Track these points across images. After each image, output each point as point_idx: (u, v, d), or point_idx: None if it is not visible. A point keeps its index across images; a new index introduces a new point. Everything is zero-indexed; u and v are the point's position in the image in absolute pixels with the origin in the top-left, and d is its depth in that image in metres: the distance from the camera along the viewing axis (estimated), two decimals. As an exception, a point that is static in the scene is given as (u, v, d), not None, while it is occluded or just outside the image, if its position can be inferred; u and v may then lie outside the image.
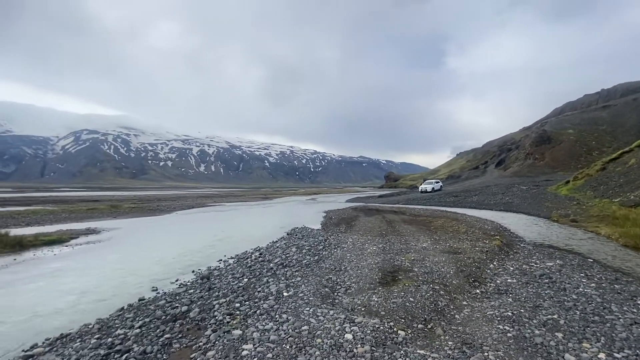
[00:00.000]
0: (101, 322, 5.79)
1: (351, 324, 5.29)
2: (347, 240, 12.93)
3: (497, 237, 12.64)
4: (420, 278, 7.63)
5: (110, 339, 4.95)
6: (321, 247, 11.75)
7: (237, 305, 6.26)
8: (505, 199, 29.11)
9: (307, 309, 5.98)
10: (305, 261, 9.64)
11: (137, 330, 5.22)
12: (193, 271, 9.40)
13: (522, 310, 5.86)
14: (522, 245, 11.80)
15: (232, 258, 10.92)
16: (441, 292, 6.75)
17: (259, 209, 33.75)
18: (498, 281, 7.64)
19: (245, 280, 7.94)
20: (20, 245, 13.05)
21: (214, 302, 6.41)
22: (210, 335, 4.99)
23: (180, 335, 5.08)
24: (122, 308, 6.54)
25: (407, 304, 6.11)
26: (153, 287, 7.94)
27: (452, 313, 5.86)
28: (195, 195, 60.29)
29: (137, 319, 5.80)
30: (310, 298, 6.54)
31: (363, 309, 5.95)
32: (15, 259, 11.13)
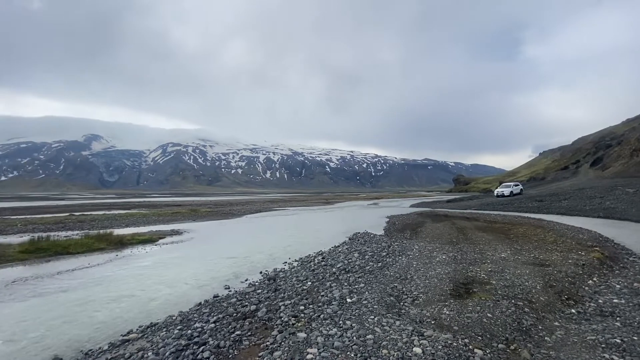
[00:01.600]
0: (182, 315, 6.39)
1: (420, 337, 4.95)
2: (413, 248, 12.30)
3: (597, 248, 10.78)
4: (499, 292, 6.85)
5: (189, 331, 5.41)
6: (384, 253, 11.38)
7: (302, 308, 6.34)
8: (606, 204, 24.81)
9: (372, 317, 5.78)
10: (368, 267, 9.41)
11: (212, 325, 5.62)
12: (261, 272, 9.87)
13: (636, 338, 4.84)
14: (631, 259, 9.86)
15: (296, 261, 11.20)
16: (526, 309, 5.95)
17: (321, 213, 34.27)
18: (600, 301, 6.46)
19: (309, 283, 8.04)
20: (121, 243, 15.27)
21: (280, 304, 6.60)
22: (276, 336, 5.12)
23: (249, 333, 5.32)
24: (200, 303, 7.13)
25: (485, 319, 5.51)
26: (225, 285, 8.53)
27: (541, 334, 5.10)
28: (262, 200, 63.91)
29: (212, 314, 6.25)
30: (375, 306, 6.32)
31: (433, 322, 5.54)
32: (117, 255, 13.00)
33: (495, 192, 46.01)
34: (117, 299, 7.69)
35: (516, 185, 46.70)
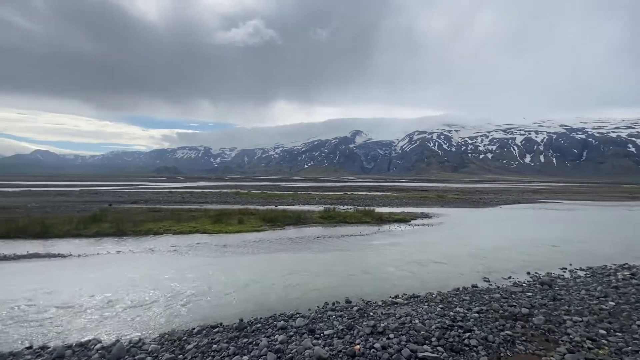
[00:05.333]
0: (441, 295, 6.50)
1: None
2: None
3: None
4: None
5: (452, 313, 5.39)
6: None
7: (602, 332, 4.72)
8: None
9: None
10: None
11: (476, 315, 5.31)
12: (528, 272, 8.34)
13: None
14: None
15: (582, 269, 8.61)
16: None
17: (619, 211, 24.44)
18: None
19: (612, 303, 5.87)
20: (381, 219, 17.84)
21: (564, 317, 5.24)
22: (565, 354, 4.08)
23: (524, 338, 4.57)
24: (458, 289, 6.98)
25: None
26: (485, 278, 7.87)
27: None
28: (519, 190, 54.38)
29: (474, 303, 5.93)
30: None
31: None
32: (379, 229, 15.26)
33: None
34: (384, 265, 9.01)
35: None
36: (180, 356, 4.18)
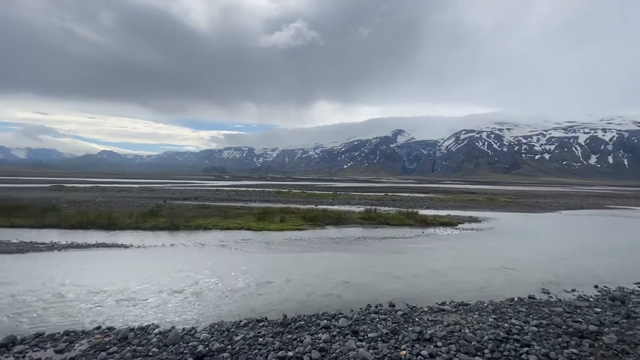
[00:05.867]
0: (494, 305, 6.07)
1: None
2: None
3: None
4: None
5: (506, 325, 5.02)
6: None
7: (693, 359, 4.08)
8: None
9: None
10: None
11: (534, 329, 4.88)
12: (595, 286, 7.50)
13: None
14: None
15: (662, 285, 7.54)
16: None
17: None
18: None
19: None
20: (425, 222, 17.16)
21: (643, 338, 4.62)
22: (645, 382, 3.59)
23: (592, 358, 4.11)
24: (512, 299, 6.48)
25: None
26: (543, 289, 7.22)
27: None
28: (583, 194, 49.24)
29: (531, 316, 5.46)
30: None
31: None
32: (423, 232, 14.70)
33: None
34: (429, 269, 8.65)
35: None
36: (229, 347, 4.37)
